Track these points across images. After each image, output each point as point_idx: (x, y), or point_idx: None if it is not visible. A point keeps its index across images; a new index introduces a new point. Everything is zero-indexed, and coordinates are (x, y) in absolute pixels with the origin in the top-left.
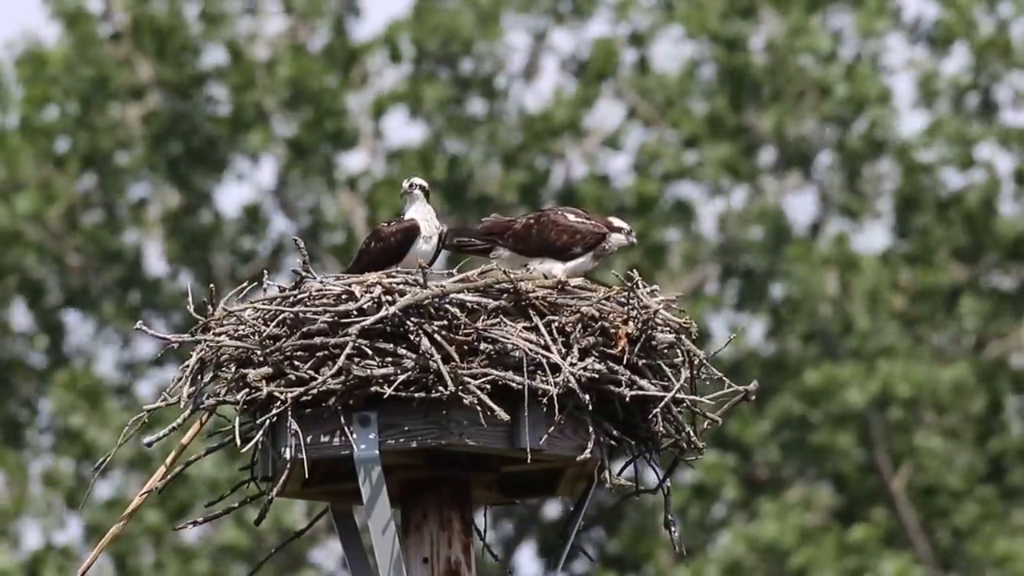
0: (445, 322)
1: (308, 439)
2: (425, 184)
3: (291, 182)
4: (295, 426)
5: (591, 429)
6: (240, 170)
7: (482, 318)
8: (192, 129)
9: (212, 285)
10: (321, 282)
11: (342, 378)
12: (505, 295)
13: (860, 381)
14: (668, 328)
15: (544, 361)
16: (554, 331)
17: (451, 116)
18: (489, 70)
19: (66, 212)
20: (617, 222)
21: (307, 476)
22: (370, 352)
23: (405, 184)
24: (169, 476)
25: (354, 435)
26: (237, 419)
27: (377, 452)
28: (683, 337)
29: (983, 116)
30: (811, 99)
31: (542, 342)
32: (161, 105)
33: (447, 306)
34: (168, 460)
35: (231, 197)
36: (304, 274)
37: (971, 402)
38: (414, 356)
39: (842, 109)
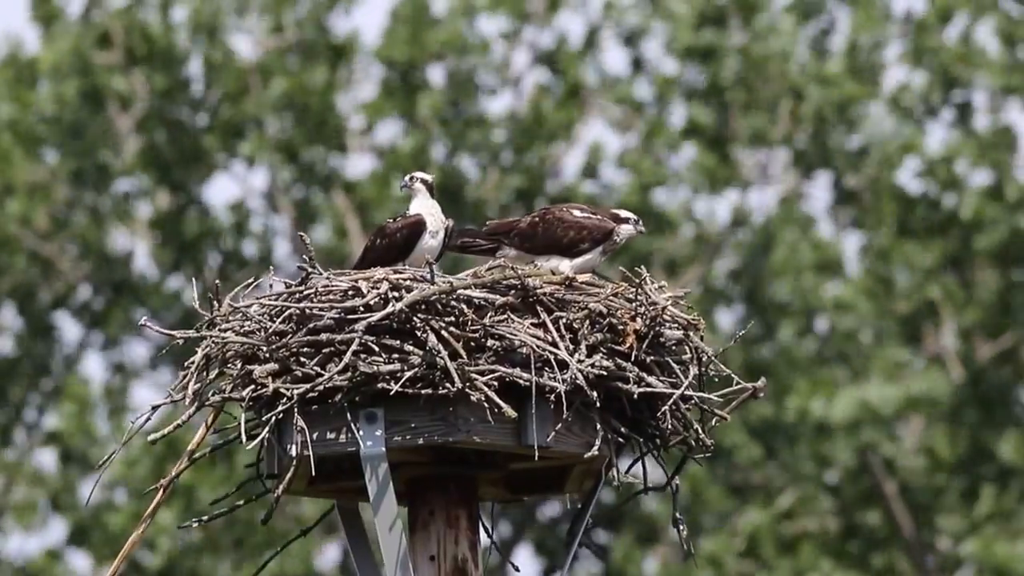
0: (452, 318)
1: (314, 436)
2: (427, 178)
3: (283, 185)
4: (301, 423)
5: (599, 426)
6: (231, 173)
7: (489, 314)
8: (183, 134)
9: (217, 282)
10: (328, 278)
11: (348, 375)
12: (513, 291)
13: (830, 396)
14: (676, 324)
15: (552, 358)
16: (562, 327)
17: (443, 120)
18: (473, 66)
19: (56, 215)
20: (623, 213)
21: (313, 473)
22: (377, 348)
23: (405, 178)
24: (175, 475)
25: (360, 432)
26: (243, 416)
27: (383, 449)
28: (691, 333)
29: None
30: (787, 104)
31: (550, 339)
32: (151, 109)
33: (454, 302)
34: (179, 466)
35: (222, 197)
36: (310, 270)
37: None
38: (421, 352)
39: (821, 113)
